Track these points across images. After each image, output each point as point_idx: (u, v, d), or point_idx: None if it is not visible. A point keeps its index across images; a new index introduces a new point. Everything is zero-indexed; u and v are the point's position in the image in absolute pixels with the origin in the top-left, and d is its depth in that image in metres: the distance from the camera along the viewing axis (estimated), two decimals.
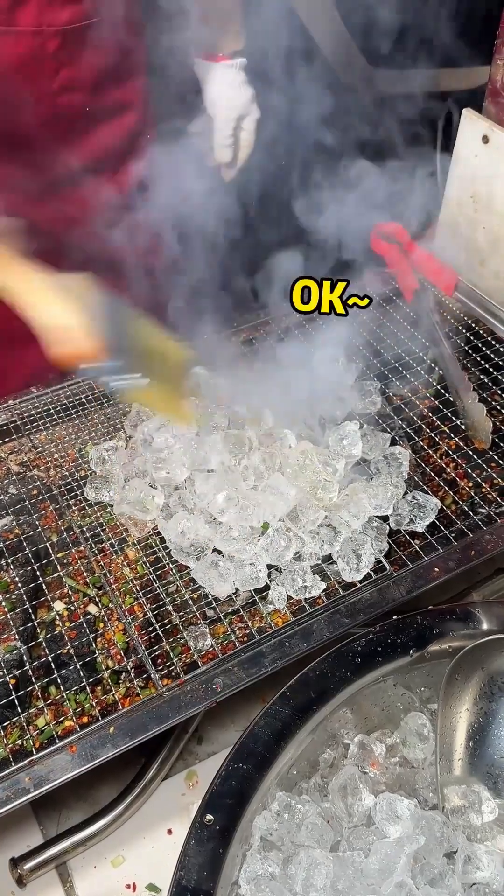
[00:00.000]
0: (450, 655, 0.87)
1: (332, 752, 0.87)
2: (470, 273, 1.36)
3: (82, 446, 1.15)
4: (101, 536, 1.03)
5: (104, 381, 0.91)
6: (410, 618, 0.89)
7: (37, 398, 1.20)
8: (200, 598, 0.96)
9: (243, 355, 1.27)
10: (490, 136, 1.26)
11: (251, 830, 0.77)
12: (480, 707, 0.87)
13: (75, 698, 0.88)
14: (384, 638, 0.87)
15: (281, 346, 1.28)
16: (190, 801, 0.94)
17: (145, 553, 1.00)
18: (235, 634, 0.92)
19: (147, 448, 1.06)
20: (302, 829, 0.77)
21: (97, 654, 0.91)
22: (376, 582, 0.96)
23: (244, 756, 0.78)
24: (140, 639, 0.91)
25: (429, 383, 1.22)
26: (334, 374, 1.19)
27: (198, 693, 0.85)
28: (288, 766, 0.81)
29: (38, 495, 1.08)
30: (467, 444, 1.13)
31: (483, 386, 1.21)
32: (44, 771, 0.80)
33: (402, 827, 0.77)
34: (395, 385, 1.22)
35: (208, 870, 0.71)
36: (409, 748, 0.88)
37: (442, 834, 0.78)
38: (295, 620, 0.92)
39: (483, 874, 0.76)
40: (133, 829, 0.92)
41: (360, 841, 0.78)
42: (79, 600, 0.97)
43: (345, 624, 0.91)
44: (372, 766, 0.85)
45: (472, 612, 0.91)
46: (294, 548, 0.95)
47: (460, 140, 1.32)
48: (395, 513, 1.01)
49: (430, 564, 0.97)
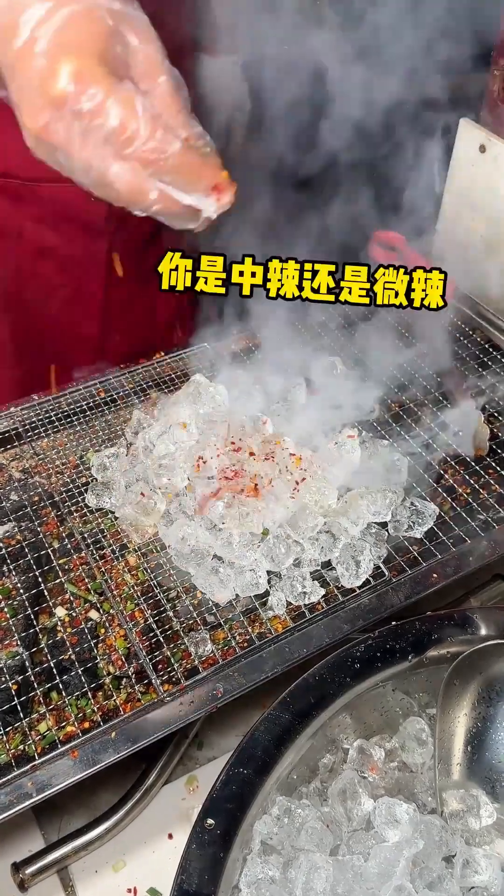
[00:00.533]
0: (448, 661, 0.88)
1: (331, 757, 0.88)
2: (467, 280, 1.38)
3: (83, 453, 1.15)
4: (103, 542, 1.03)
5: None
6: (409, 623, 0.90)
7: (38, 405, 1.21)
8: (201, 603, 0.97)
9: (243, 362, 1.28)
10: (487, 146, 1.27)
11: (252, 834, 0.78)
12: (478, 712, 0.88)
13: (77, 704, 0.88)
14: (383, 643, 0.88)
15: (280, 354, 1.29)
16: (190, 806, 0.95)
17: (146, 559, 1.01)
18: (236, 640, 0.93)
19: (148, 455, 1.07)
20: (302, 834, 0.78)
21: (98, 659, 0.92)
22: (375, 588, 0.96)
23: (244, 761, 0.79)
24: (141, 644, 0.92)
25: (426, 390, 1.23)
26: (333, 381, 1.20)
27: (198, 698, 0.86)
28: (288, 771, 0.82)
29: (39, 502, 1.09)
30: (465, 451, 1.14)
31: (480, 393, 1.22)
32: (46, 776, 0.81)
33: (401, 831, 0.78)
34: (393, 392, 1.23)
35: (209, 874, 0.72)
36: (407, 753, 0.88)
37: (440, 838, 0.79)
38: (294, 626, 0.93)
39: (481, 878, 0.77)
40: (134, 834, 0.92)
41: (360, 845, 0.79)
42: (80, 606, 0.98)
43: (344, 630, 0.92)
44: (371, 771, 0.86)
45: (470, 618, 0.92)
46: (293, 554, 0.96)
47: (457, 149, 1.33)
48: (393, 519, 1.02)
49: (429, 570, 0.98)
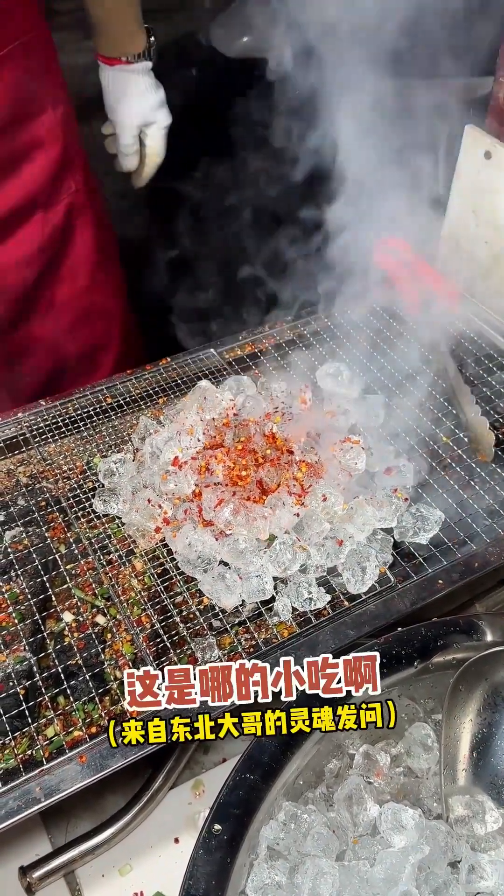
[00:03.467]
0: (454, 667, 0.88)
1: (337, 763, 0.88)
2: (472, 287, 1.38)
3: (90, 458, 1.16)
4: (109, 548, 1.04)
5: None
6: (415, 629, 0.91)
7: (45, 411, 1.21)
8: (207, 609, 0.97)
9: (248, 368, 1.29)
10: (492, 152, 1.28)
11: (258, 840, 0.78)
12: (484, 718, 0.88)
13: (84, 708, 0.89)
14: (389, 649, 0.88)
15: (285, 359, 1.30)
16: (196, 811, 0.95)
17: (153, 565, 1.02)
18: (242, 645, 0.93)
19: (155, 460, 1.07)
20: (308, 839, 0.79)
21: (105, 664, 0.93)
22: (381, 594, 0.97)
23: (251, 766, 0.79)
24: (148, 649, 0.93)
25: (432, 396, 1.24)
26: (339, 387, 1.20)
27: (205, 705, 0.86)
28: (294, 777, 0.83)
29: (46, 507, 1.10)
30: (470, 456, 1.14)
31: (485, 399, 1.23)
32: (54, 781, 0.81)
33: (407, 836, 0.78)
34: (398, 398, 1.24)
35: (216, 879, 0.72)
36: (413, 758, 0.89)
37: (446, 843, 0.79)
38: (301, 632, 0.93)
39: (487, 883, 0.77)
40: (140, 838, 0.93)
41: (366, 850, 0.79)
42: (87, 611, 0.98)
43: (350, 636, 0.93)
44: (377, 776, 0.86)
45: (475, 624, 0.92)
46: (300, 560, 0.96)
47: (462, 155, 1.34)
48: (399, 525, 1.03)
49: (434, 576, 0.99)
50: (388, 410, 1.20)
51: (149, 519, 1.01)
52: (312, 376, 1.24)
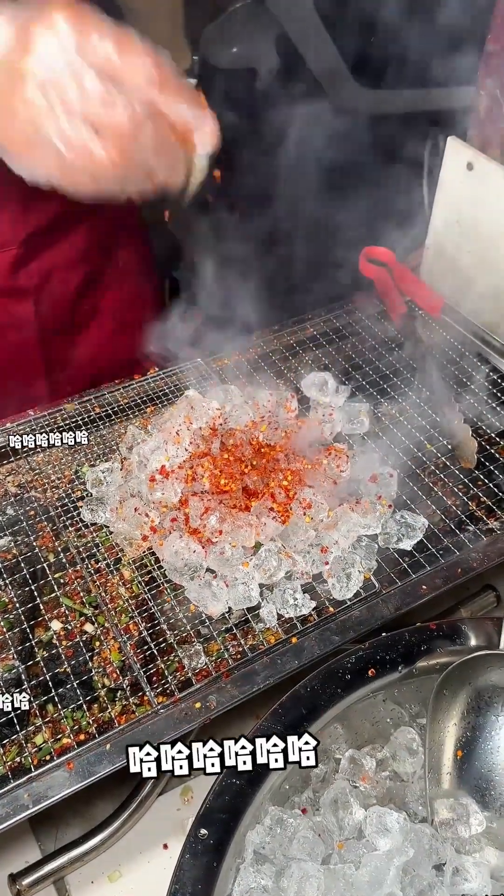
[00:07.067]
0: (438, 671, 0.89)
1: (323, 767, 0.89)
2: (456, 296, 1.40)
3: (78, 468, 1.17)
4: (97, 556, 1.05)
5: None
6: (399, 634, 0.92)
7: (34, 420, 1.22)
8: (194, 616, 0.98)
9: (236, 378, 1.30)
10: (474, 164, 1.29)
11: (244, 844, 0.79)
12: (468, 721, 0.89)
13: (72, 716, 0.89)
14: (374, 654, 0.90)
15: (271, 367, 1.31)
16: (185, 817, 0.96)
17: (140, 573, 1.03)
18: (229, 652, 0.94)
19: (142, 469, 1.08)
20: (294, 843, 0.80)
21: (94, 672, 0.94)
22: (366, 599, 0.98)
23: (237, 772, 0.80)
24: (135, 657, 0.94)
25: (416, 404, 1.25)
26: (324, 395, 1.22)
27: (192, 710, 0.87)
28: (280, 781, 0.84)
29: (35, 516, 1.11)
30: (454, 463, 1.16)
31: (469, 406, 1.24)
32: (42, 787, 0.82)
33: (392, 840, 0.79)
34: (383, 406, 1.25)
35: (203, 883, 0.73)
36: (398, 762, 0.90)
37: (431, 846, 0.80)
38: (286, 638, 0.94)
39: (471, 885, 0.78)
40: (130, 845, 0.93)
41: (351, 853, 0.80)
42: (75, 619, 0.99)
43: (335, 641, 0.94)
44: (362, 781, 0.87)
45: (459, 629, 0.93)
46: (285, 567, 0.98)
47: (445, 166, 1.35)
48: (383, 532, 1.04)
49: (419, 582, 1.00)
50: (372, 418, 1.21)
51: (136, 527, 1.02)
52: (298, 385, 1.26)
